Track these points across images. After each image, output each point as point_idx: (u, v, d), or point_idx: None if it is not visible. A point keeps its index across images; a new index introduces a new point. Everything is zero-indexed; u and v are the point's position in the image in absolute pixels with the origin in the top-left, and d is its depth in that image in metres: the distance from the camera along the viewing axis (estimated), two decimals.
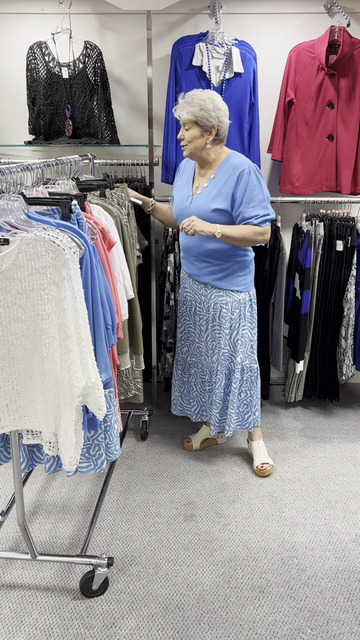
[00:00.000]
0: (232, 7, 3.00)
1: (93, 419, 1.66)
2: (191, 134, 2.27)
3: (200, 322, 2.53)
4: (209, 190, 2.32)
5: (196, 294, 2.51)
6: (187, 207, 2.38)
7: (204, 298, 2.48)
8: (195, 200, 2.35)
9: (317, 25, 2.98)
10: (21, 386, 1.55)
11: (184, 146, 2.32)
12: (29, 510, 2.36)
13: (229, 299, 2.43)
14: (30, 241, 1.43)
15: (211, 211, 2.29)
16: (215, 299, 2.45)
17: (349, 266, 2.95)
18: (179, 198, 2.45)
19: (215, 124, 2.25)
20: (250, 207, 2.24)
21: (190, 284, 2.54)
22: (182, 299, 2.61)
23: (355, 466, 2.70)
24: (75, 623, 1.81)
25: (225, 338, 2.47)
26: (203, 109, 2.22)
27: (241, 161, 2.30)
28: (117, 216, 2.12)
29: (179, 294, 2.64)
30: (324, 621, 1.82)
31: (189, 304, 2.57)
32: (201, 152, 2.31)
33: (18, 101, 3.13)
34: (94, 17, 3.03)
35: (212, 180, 2.33)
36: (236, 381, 2.52)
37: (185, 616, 1.84)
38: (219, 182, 2.30)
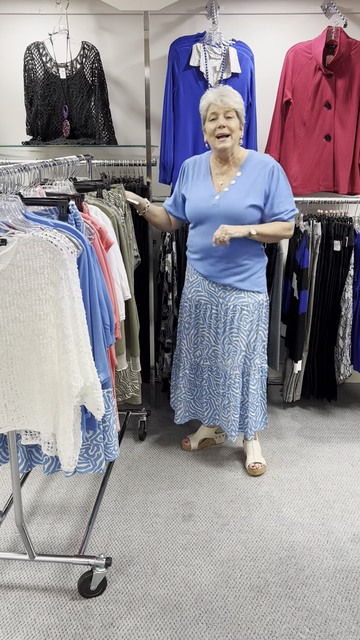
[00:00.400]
0: (230, 8, 3.00)
1: (91, 419, 1.66)
2: (235, 124, 2.23)
3: (217, 324, 2.47)
4: (238, 187, 2.28)
5: (212, 296, 2.44)
6: (215, 206, 2.30)
7: (222, 300, 2.42)
8: (224, 198, 2.29)
9: (314, 26, 2.99)
10: (19, 386, 1.55)
11: (226, 136, 2.22)
12: (27, 511, 2.36)
13: (250, 300, 2.41)
14: (27, 241, 1.44)
15: (246, 207, 2.26)
16: (235, 301, 2.40)
17: (347, 266, 2.96)
18: (198, 198, 2.36)
19: (244, 122, 2.31)
20: (280, 202, 2.28)
21: (205, 287, 2.46)
22: (193, 302, 2.52)
23: (353, 466, 2.70)
24: (74, 623, 1.81)
25: (244, 340, 2.44)
26: (241, 104, 2.25)
27: (267, 158, 2.33)
28: (113, 217, 2.12)
29: (189, 297, 2.54)
30: (322, 620, 1.83)
31: (203, 307, 2.49)
32: (233, 147, 2.28)
33: (16, 102, 3.13)
34: (91, 18, 3.04)
35: (239, 178, 2.30)
36: (255, 383, 2.51)
37: (183, 616, 1.84)
38: (249, 179, 2.28)
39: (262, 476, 2.62)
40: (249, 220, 2.27)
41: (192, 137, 2.94)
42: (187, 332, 2.58)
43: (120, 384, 2.57)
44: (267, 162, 2.29)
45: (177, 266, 2.95)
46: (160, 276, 3.02)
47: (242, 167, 2.31)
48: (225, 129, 2.22)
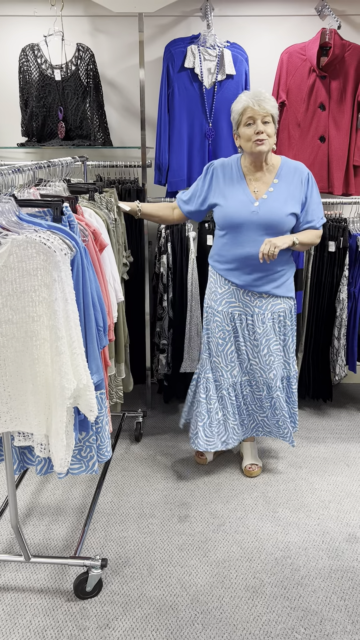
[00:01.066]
0: (224, 10, 3.01)
1: (84, 420, 1.66)
2: (272, 129, 2.19)
3: (253, 336, 2.38)
4: (277, 194, 2.24)
5: (247, 306, 2.35)
6: (255, 213, 2.23)
7: (258, 310, 2.35)
8: (264, 205, 2.23)
9: (308, 28, 3.00)
10: (12, 388, 1.56)
11: (263, 140, 2.16)
12: (22, 512, 2.36)
13: (286, 305, 2.39)
14: (21, 243, 1.44)
15: (287, 215, 2.23)
16: (272, 308, 2.36)
17: (341, 267, 2.97)
18: (235, 204, 2.26)
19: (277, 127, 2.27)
20: (314, 210, 2.28)
21: (239, 297, 2.36)
22: (227, 315, 2.39)
23: (349, 466, 2.71)
24: (69, 625, 1.81)
25: (282, 347, 2.43)
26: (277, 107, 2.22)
27: (299, 164, 2.31)
28: (104, 220, 2.12)
29: (219, 311, 2.40)
30: (318, 620, 1.83)
31: (238, 319, 2.38)
32: (268, 152, 2.24)
33: (11, 103, 3.13)
34: (86, 20, 3.04)
35: (277, 185, 2.26)
36: (294, 384, 2.51)
37: (179, 617, 1.84)
38: (287, 186, 2.26)
39: (257, 477, 2.62)
40: (287, 228, 2.25)
41: (187, 139, 2.94)
42: (222, 348, 2.42)
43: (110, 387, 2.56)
44: (303, 170, 2.29)
45: (173, 267, 2.95)
46: (156, 277, 3.03)
47: (278, 174, 2.27)
48: (264, 135, 2.16)
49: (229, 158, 2.38)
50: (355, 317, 3.00)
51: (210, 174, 2.36)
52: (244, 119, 2.18)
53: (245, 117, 2.17)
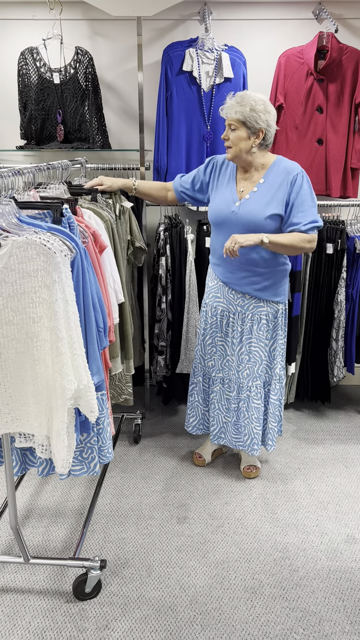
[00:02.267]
0: (222, 14, 3.03)
1: (85, 421, 1.66)
2: (237, 136, 2.15)
3: (233, 334, 2.40)
4: (260, 195, 2.20)
5: (231, 304, 2.38)
6: (235, 214, 2.23)
7: (240, 309, 2.36)
8: (244, 206, 2.21)
9: (306, 31, 3.02)
10: (13, 389, 1.56)
11: (228, 147, 2.20)
12: (21, 514, 2.36)
13: (269, 309, 2.36)
14: (21, 244, 1.45)
15: (265, 218, 2.18)
16: (253, 310, 2.35)
17: (339, 269, 2.98)
18: (220, 203, 2.29)
19: (264, 128, 2.15)
20: (300, 212, 2.17)
21: (224, 293, 2.39)
22: (211, 309, 2.45)
23: (347, 467, 2.72)
24: (69, 626, 1.81)
25: (264, 350, 2.39)
26: (253, 110, 2.11)
27: (293, 165, 2.22)
28: (107, 220, 2.13)
29: (206, 303, 2.46)
30: (316, 621, 1.84)
31: (220, 314, 2.41)
32: (246, 156, 2.20)
33: (10, 106, 3.14)
34: (84, 23, 3.05)
35: (261, 185, 2.21)
36: (276, 392, 2.47)
37: (178, 618, 1.85)
38: (272, 187, 2.20)
39: (256, 478, 2.62)
40: (267, 230, 2.19)
41: (186, 141, 2.96)
42: (202, 338, 2.51)
43: (115, 385, 2.58)
44: (291, 170, 2.20)
45: (172, 269, 2.96)
46: (154, 279, 3.03)
47: (266, 174, 2.23)
48: (228, 142, 2.19)
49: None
50: (353, 319, 3.01)
51: (211, 167, 2.38)
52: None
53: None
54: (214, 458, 2.76)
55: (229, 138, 2.17)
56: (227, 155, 2.22)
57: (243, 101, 2.13)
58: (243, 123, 2.14)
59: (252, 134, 2.15)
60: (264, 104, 2.14)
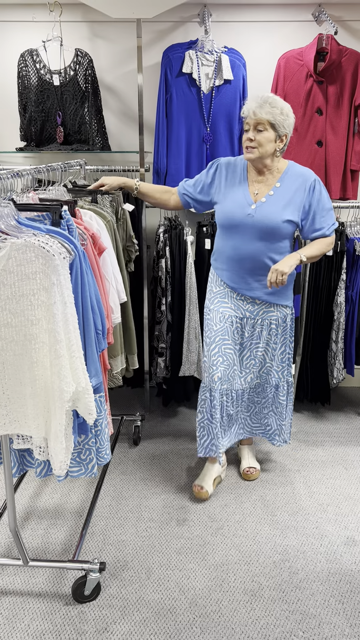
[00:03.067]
0: (222, 16, 3.03)
1: (83, 423, 1.66)
2: (265, 137, 2.10)
3: (241, 340, 2.36)
4: (276, 199, 2.17)
5: (239, 309, 2.32)
6: (251, 217, 2.17)
7: (250, 314, 2.31)
8: (261, 209, 2.17)
9: (306, 33, 3.02)
10: (11, 391, 1.56)
11: (252, 148, 2.12)
12: (20, 516, 2.35)
13: (279, 314, 2.33)
14: (20, 247, 1.45)
15: (283, 222, 2.15)
16: (263, 315, 2.31)
17: (339, 271, 2.98)
18: (233, 204, 2.22)
19: (287, 133, 2.14)
20: (322, 217, 2.19)
21: (232, 299, 2.32)
22: (217, 315, 2.34)
23: (347, 469, 2.71)
24: (68, 629, 1.80)
25: (271, 354, 2.38)
26: (282, 113, 2.09)
27: (307, 171, 2.22)
28: (110, 221, 2.13)
29: (211, 309, 2.37)
30: (316, 624, 1.83)
31: (228, 321, 2.33)
32: (267, 160, 2.16)
33: (9, 108, 3.14)
34: (84, 25, 3.06)
35: (278, 189, 2.18)
36: (284, 395, 2.45)
37: (177, 620, 1.84)
38: (288, 191, 2.18)
39: (256, 480, 2.62)
40: (283, 234, 2.18)
41: (185, 143, 2.96)
42: (209, 350, 2.37)
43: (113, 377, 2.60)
44: (308, 176, 2.19)
45: (171, 271, 2.96)
46: (154, 281, 3.03)
47: (282, 178, 2.20)
48: (253, 142, 2.12)
49: (236, 158, 2.33)
50: (353, 321, 3.01)
51: (214, 169, 2.32)
52: (244, 123, 2.17)
53: (244, 122, 2.16)
54: (216, 485, 2.56)
55: (255, 139, 2.10)
56: (249, 155, 2.13)
57: (274, 103, 2.09)
58: (272, 125, 2.09)
59: (277, 137, 2.13)
60: (289, 110, 2.13)
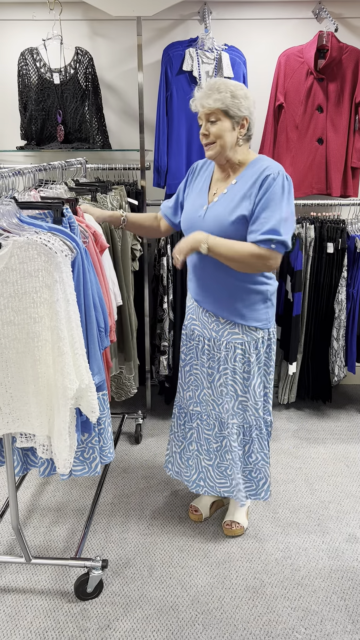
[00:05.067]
0: (222, 13, 3.03)
1: (87, 421, 1.66)
2: (220, 128, 1.81)
3: (208, 362, 2.05)
4: (228, 198, 1.87)
5: (205, 327, 2.03)
6: (201, 218, 1.91)
7: (215, 334, 2.00)
8: (211, 209, 1.90)
9: (306, 31, 3.02)
10: (14, 389, 1.56)
11: (210, 144, 1.85)
12: (23, 514, 2.36)
13: (245, 337, 1.97)
14: (22, 244, 1.45)
15: (230, 223, 1.83)
16: (228, 337, 1.98)
17: (340, 268, 2.98)
18: (190, 207, 1.98)
19: (247, 115, 1.83)
20: (261, 218, 1.78)
21: (198, 315, 2.05)
22: (188, 332, 2.12)
23: (348, 466, 2.72)
24: (70, 626, 1.81)
25: (242, 385, 2.03)
26: (234, 96, 1.79)
27: (271, 165, 1.85)
28: None
29: (185, 325, 2.15)
30: (318, 620, 1.83)
31: (196, 339, 2.07)
32: (230, 151, 1.86)
33: (10, 107, 3.14)
34: (84, 24, 3.05)
35: (232, 187, 1.88)
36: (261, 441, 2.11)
37: (179, 617, 1.85)
38: (242, 189, 1.85)
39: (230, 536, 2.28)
40: (232, 237, 1.84)
41: (186, 141, 2.96)
42: (182, 366, 2.18)
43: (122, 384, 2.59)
44: (265, 170, 1.82)
45: (173, 269, 2.96)
46: (156, 279, 3.04)
47: (240, 174, 1.89)
48: (210, 137, 1.85)
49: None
50: (354, 318, 3.01)
51: (186, 178, 2.10)
52: (197, 119, 1.89)
53: (198, 118, 1.89)
54: (213, 512, 2.35)
55: (210, 132, 1.83)
56: (209, 152, 1.87)
57: (220, 87, 1.81)
58: (225, 112, 1.81)
59: (235, 123, 1.83)
60: (243, 89, 1.84)
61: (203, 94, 1.82)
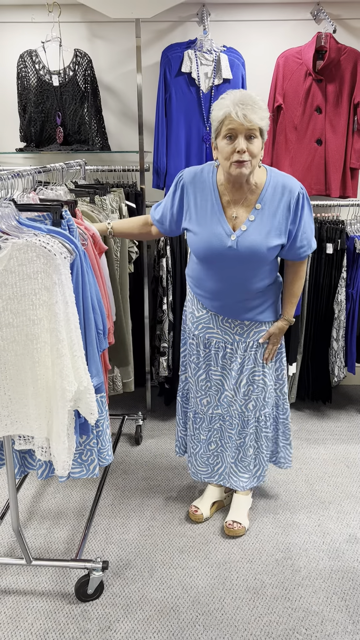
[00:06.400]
0: (220, 15, 3.03)
1: (85, 423, 1.67)
2: (257, 146, 1.75)
3: (231, 366, 2.10)
4: (259, 225, 1.85)
5: (227, 333, 2.06)
6: (233, 250, 1.86)
7: (239, 337, 2.06)
8: (243, 238, 1.85)
9: (304, 32, 3.02)
10: (13, 391, 1.56)
11: (244, 162, 1.73)
12: (23, 516, 2.36)
13: (268, 327, 2.10)
14: (21, 247, 1.45)
15: (269, 249, 1.86)
16: (254, 336, 2.06)
17: (339, 269, 2.98)
18: (210, 236, 1.88)
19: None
20: (304, 233, 1.90)
21: (217, 323, 2.07)
22: (202, 341, 2.11)
23: (349, 467, 2.72)
24: (71, 627, 1.81)
25: (271, 375, 2.12)
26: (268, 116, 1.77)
27: (290, 181, 1.86)
28: None
29: (195, 335, 2.13)
30: (319, 621, 1.84)
31: (215, 346, 2.09)
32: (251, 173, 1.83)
33: (9, 109, 3.15)
34: (83, 26, 3.06)
35: (259, 212, 1.85)
36: (285, 412, 2.24)
37: (180, 618, 1.85)
38: (270, 212, 1.85)
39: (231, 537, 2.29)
40: (268, 262, 1.91)
41: (185, 143, 2.96)
42: (195, 374, 2.18)
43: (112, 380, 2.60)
44: (293, 189, 1.84)
45: (172, 270, 2.96)
46: (155, 280, 3.04)
47: (262, 197, 1.85)
48: (246, 154, 1.73)
49: (202, 168, 1.95)
50: (354, 319, 3.01)
51: (180, 191, 1.96)
52: (224, 129, 1.73)
53: (226, 128, 1.72)
54: (214, 512, 2.37)
55: (249, 150, 1.72)
56: (245, 171, 1.75)
57: (262, 106, 1.72)
58: (261, 132, 1.75)
59: (263, 143, 1.79)
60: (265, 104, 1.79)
61: (246, 102, 1.69)
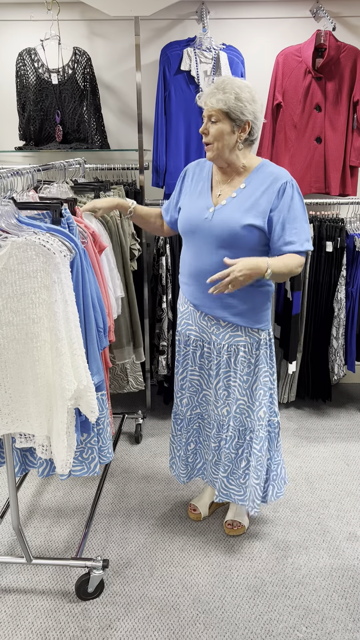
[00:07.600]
0: (220, 13, 3.03)
1: (86, 422, 1.67)
2: (219, 129, 1.79)
3: (209, 365, 2.05)
4: (238, 201, 1.85)
5: (204, 332, 2.01)
6: (208, 221, 1.86)
7: (215, 338, 1.99)
8: (220, 212, 1.86)
9: (304, 30, 3.02)
10: (13, 390, 1.56)
11: (208, 144, 1.83)
12: (24, 514, 2.36)
13: (248, 339, 1.96)
14: (20, 245, 1.45)
15: (242, 227, 1.81)
16: (230, 340, 1.96)
17: (339, 267, 2.98)
18: (191, 208, 1.93)
19: (250, 120, 1.79)
20: (294, 228, 1.81)
21: (196, 319, 2.02)
22: (183, 337, 2.09)
23: (349, 465, 2.72)
24: (71, 626, 1.81)
25: (242, 387, 2.00)
26: (238, 99, 1.75)
27: (281, 171, 1.86)
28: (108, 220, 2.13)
29: (179, 331, 2.11)
30: (319, 619, 1.84)
31: (192, 344, 2.05)
32: (229, 154, 1.83)
33: (8, 107, 3.14)
34: (82, 24, 3.05)
35: (242, 190, 1.86)
36: (259, 442, 2.01)
37: (181, 617, 1.85)
38: (253, 193, 1.84)
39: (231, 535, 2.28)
40: (243, 243, 1.84)
41: (184, 141, 2.96)
42: (176, 372, 2.16)
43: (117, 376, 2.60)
44: (279, 177, 1.83)
45: (172, 269, 2.96)
46: (155, 279, 3.04)
47: (248, 178, 1.87)
48: (208, 137, 1.82)
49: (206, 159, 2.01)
50: (354, 317, 3.01)
51: (182, 178, 2.06)
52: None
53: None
54: (212, 511, 2.35)
55: (209, 132, 1.81)
56: (208, 154, 1.86)
57: (226, 88, 1.77)
58: (226, 114, 1.78)
59: (236, 127, 1.80)
60: (250, 92, 1.79)
61: (209, 91, 1.80)
